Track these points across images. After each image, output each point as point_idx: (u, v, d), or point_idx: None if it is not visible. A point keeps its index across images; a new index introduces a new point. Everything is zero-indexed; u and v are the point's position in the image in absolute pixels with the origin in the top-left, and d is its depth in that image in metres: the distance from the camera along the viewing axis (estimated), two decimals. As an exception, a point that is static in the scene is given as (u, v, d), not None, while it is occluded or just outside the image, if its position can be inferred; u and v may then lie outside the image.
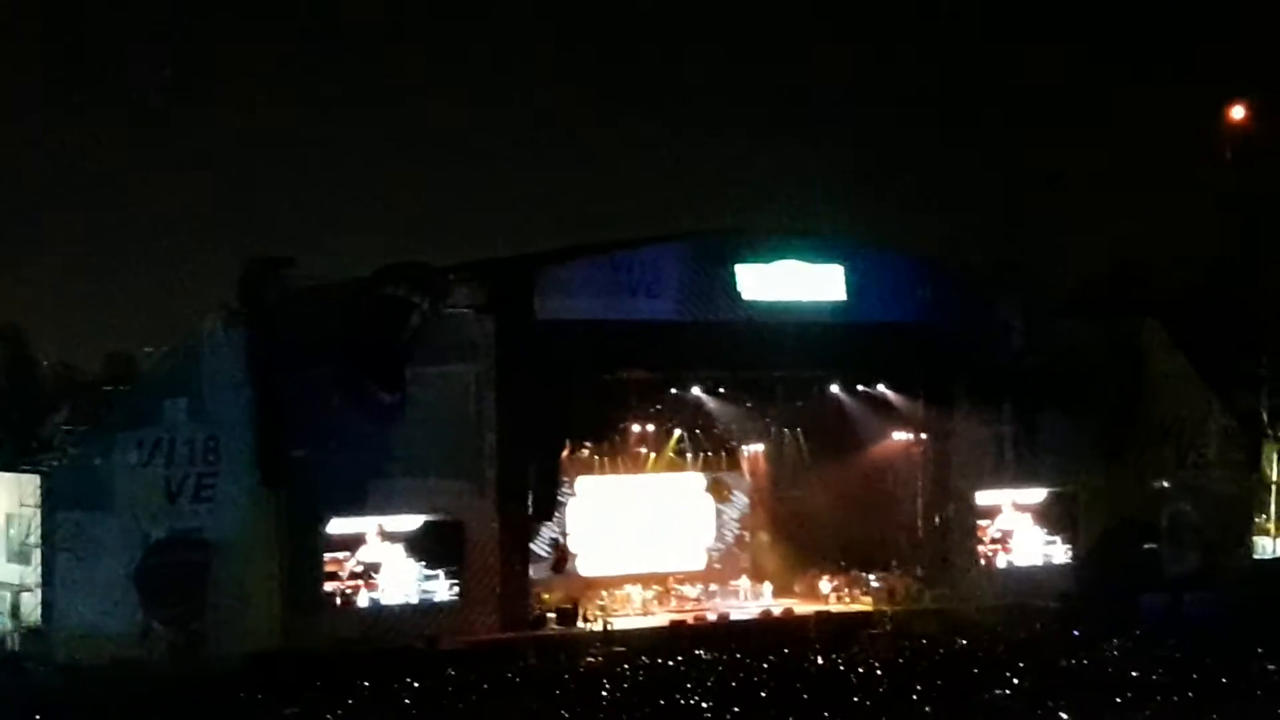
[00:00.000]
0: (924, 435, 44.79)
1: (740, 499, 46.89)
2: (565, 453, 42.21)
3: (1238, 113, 51.35)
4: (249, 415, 36.37)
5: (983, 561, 44.70)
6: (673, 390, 43.21)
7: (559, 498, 41.56)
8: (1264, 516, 52.80)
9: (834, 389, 44.51)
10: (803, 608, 42.65)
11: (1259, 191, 52.18)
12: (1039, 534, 45.47)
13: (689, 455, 46.08)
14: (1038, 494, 45.36)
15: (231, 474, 36.35)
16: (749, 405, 45.10)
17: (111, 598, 35.37)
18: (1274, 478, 53.47)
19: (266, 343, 36.56)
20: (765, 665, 34.41)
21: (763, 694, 31.67)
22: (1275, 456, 53.25)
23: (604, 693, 32.02)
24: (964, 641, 37.19)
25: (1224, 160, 51.88)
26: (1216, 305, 49.68)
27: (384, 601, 38.38)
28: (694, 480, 46.00)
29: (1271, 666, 33.46)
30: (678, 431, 45.56)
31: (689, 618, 41.28)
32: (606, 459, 44.72)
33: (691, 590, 44.04)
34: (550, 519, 41.40)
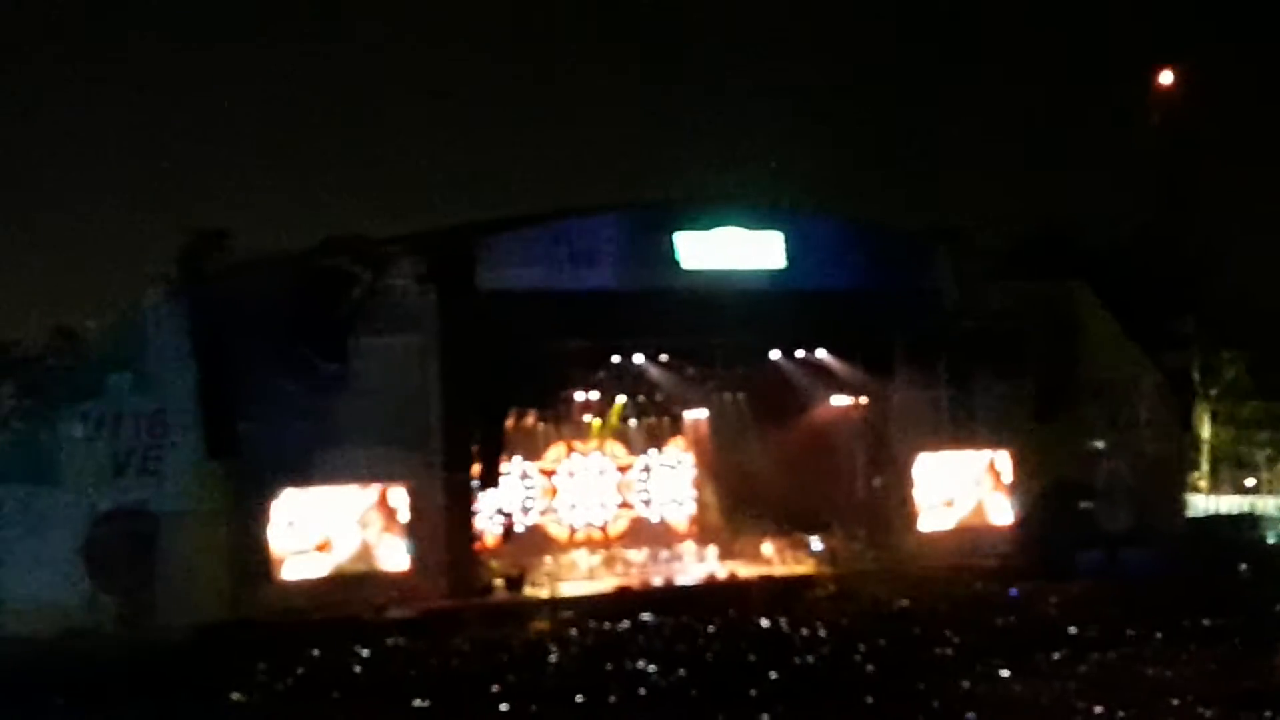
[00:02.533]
0: (863, 399, 45.37)
1: (684, 464, 47.41)
2: (510, 421, 42.49)
3: (1165, 77, 52.05)
4: (194, 388, 36.48)
5: (921, 523, 45.33)
6: (615, 358, 43.51)
7: (503, 466, 41.91)
8: (1196, 474, 53.83)
9: (774, 355, 44.95)
10: (747, 570, 43.18)
11: (1185, 151, 52.87)
12: (976, 495, 46.10)
13: (632, 421, 46.54)
14: (974, 455, 45.96)
15: (178, 446, 36.40)
16: (690, 371, 45.49)
17: (59, 571, 35.40)
18: (1205, 436, 54.49)
19: (208, 315, 36.61)
20: (710, 628, 34.89)
21: (708, 656, 32.21)
22: (1206, 415, 54.26)
23: (551, 658, 32.48)
24: (905, 602, 37.79)
25: (1151, 122, 52.57)
26: (1145, 266, 50.35)
27: (331, 571, 38.57)
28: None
29: (1206, 621, 34.21)
30: (621, 398, 45.98)
31: (635, 583, 41.74)
32: (551, 426, 45.11)
33: (638, 555, 44.50)
34: (496, 486, 41.71)
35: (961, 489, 45.98)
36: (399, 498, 39.08)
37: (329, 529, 38.63)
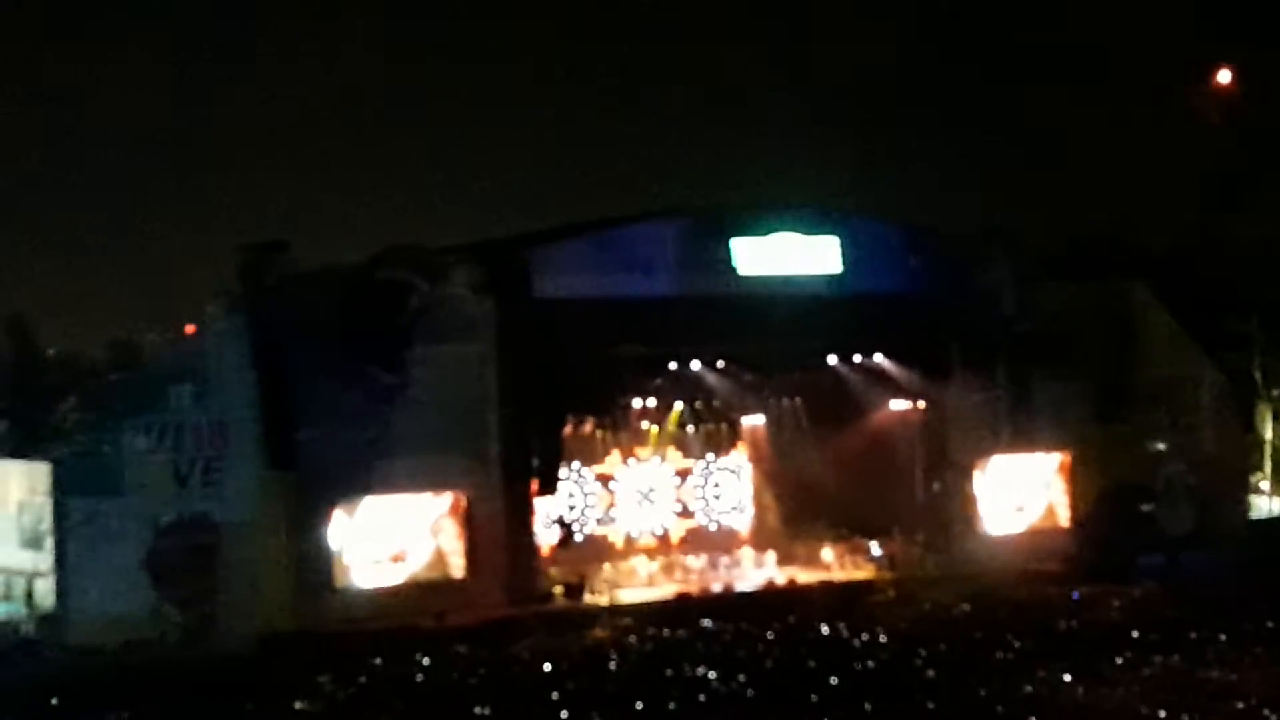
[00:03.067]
0: (920, 404, 45.22)
1: (742, 470, 47.42)
2: (568, 429, 42.61)
3: (1224, 75, 51.72)
4: (255, 399, 36.76)
5: (982, 526, 45.15)
6: (672, 365, 43.54)
7: (562, 473, 42.03)
8: (1258, 475, 53.31)
9: (831, 360, 44.87)
10: (806, 576, 43.13)
11: (1244, 151, 52.51)
12: (1036, 498, 45.88)
13: (690, 428, 46.58)
14: (1033, 458, 45.74)
15: (239, 457, 36.70)
16: (748, 378, 45.45)
17: (123, 581, 35.70)
18: (1267, 437, 53.98)
19: (268, 327, 36.90)
20: (770, 634, 34.87)
21: (768, 662, 32.19)
22: (1268, 415, 53.75)
23: (611, 665, 32.54)
24: (965, 606, 37.65)
25: (1210, 121, 52.22)
26: (1204, 265, 50.01)
27: (393, 580, 38.76)
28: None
29: (1269, 623, 33.94)
30: (678, 405, 46.00)
31: (695, 589, 41.74)
32: (609, 433, 45.20)
33: (697, 561, 44.50)
34: (554, 493, 41.83)
35: (1021, 492, 45.77)
36: (458, 506, 39.20)
37: (389, 538, 38.84)
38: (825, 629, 35.33)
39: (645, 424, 45.80)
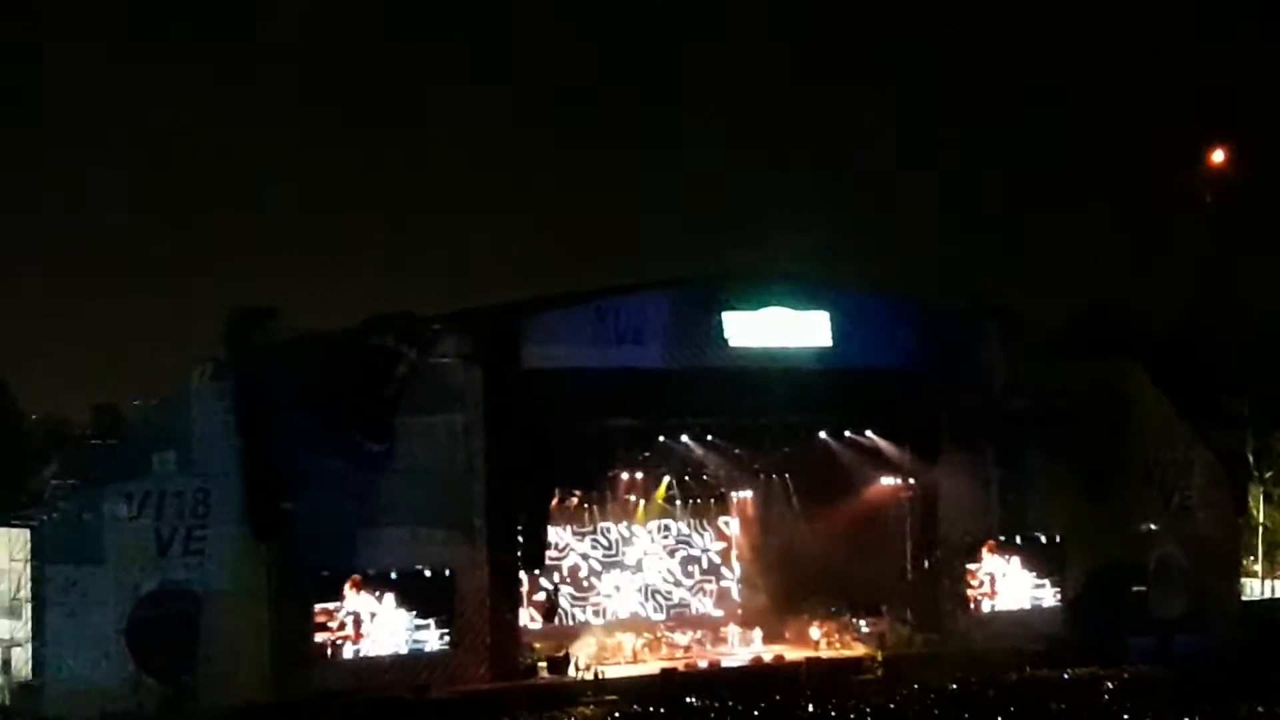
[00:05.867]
0: (911, 480, 44.91)
1: (730, 544, 47.04)
2: (554, 501, 42.25)
3: (1217, 156, 51.77)
4: (238, 467, 36.39)
5: (972, 605, 44.75)
6: (661, 438, 43.25)
7: (548, 546, 41.62)
8: (1251, 558, 53.00)
9: (821, 435, 44.60)
10: (793, 653, 42.66)
11: (1236, 232, 52.56)
12: (1027, 577, 45.51)
13: (679, 502, 46.22)
14: (1025, 537, 45.39)
15: (221, 526, 36.29)
16: (737, 451, 45.16)
17: (102, 651, 35.28)
18: (1260, 518, 53.69)
19: (253, 394, 36.55)
20: (756, 712, 34.43)
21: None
22: (1261, 497, 53.49)
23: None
24: (954, 686, 37.24)
25: (1202, 202, 52.26)
26: (1198, 345, 49.90)
27: (374, 652, 38.25)
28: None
29: (1260, 708, 33.55)
30: (666, 478, 45.68)
31: (680, 665, 41.27)
32: (596, 507, 44.83)
33: (682, 638, 44.02)
34: (540, 567, 41.43)
35: (1012, 571, 45.39)
36: (442, 578, 38.76)
37: (371, 609, 38.32)
38: (812, 707, 34.86)
39: (632, 497, 45.41)
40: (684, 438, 43.65)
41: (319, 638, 37.52)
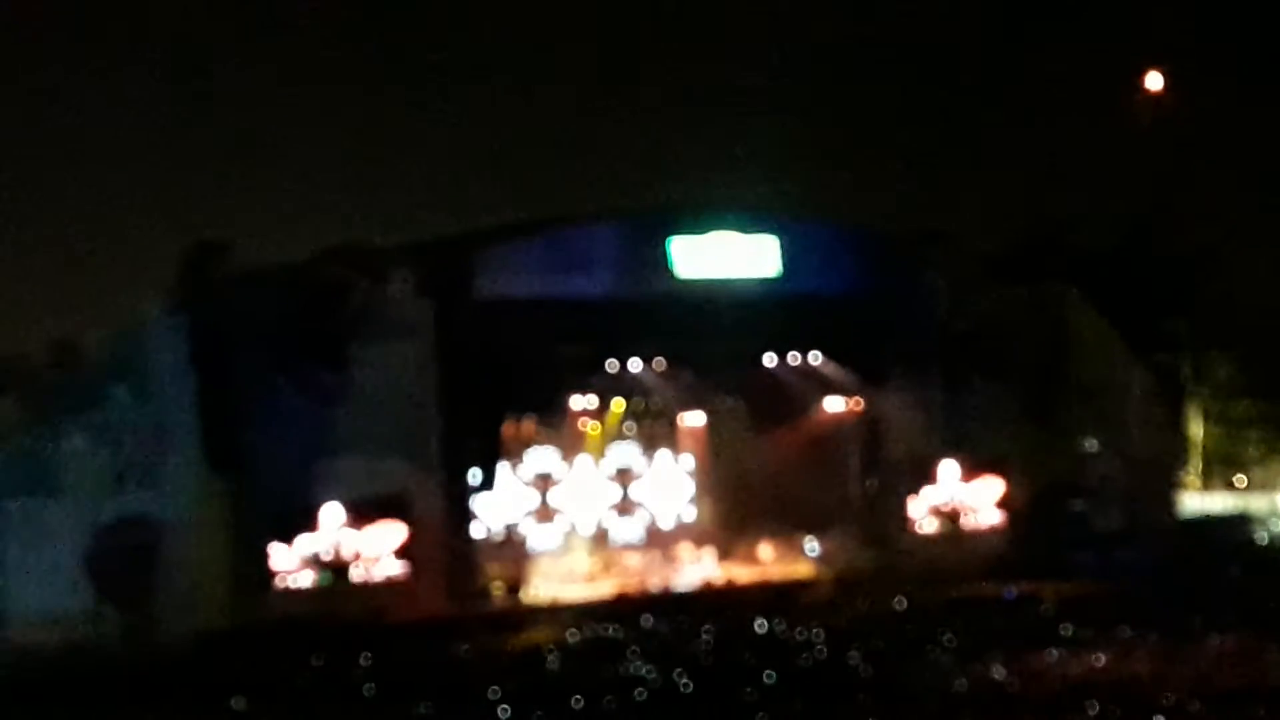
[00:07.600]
0: (857, 404, 45.69)
1: (681, 468, 47.73)
2: (507, 427, 42.76)
3: (1154, 79, 52.29)
4: (194, 399, 36.75)
5: (917, 525, 45.63)
6: (611, 364, 43.78)
7: (500, 470, 42.22)
8: (1188, 473, 54.11)
9: (770, 360, 45.24)
10: (744, 573, 43.46)
11: (1173, 153, 53.14)
12: (970, 496, 46.39)
13: (631, 425, 46.83)
14: (968, 458, 46.24)
15: (178, 457, 36.74)
16: (687, 377, 45.73)
17: (62, 583, 35.78)
18: (1197, 435, 54.77)
19: (208, 327, 36.94)
20: (707, 631, 35.19)
21: (705, 659, 32.50)
22: (1198, 414, 54.54)
23: (550, 662, 32.80)
24: (901, 603, 38.10)
25: (1140, 123, 52.80)
26: (1135, 267, 50.62)
27: (330, 578, 38.77)
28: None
29: (1198, 620, 34.46)
30: (618, 402, 46.23)
31: (633, 587, 42.02)
32: (549, 431, 45.38)
33: (635, 559, 44.77)
34: (493, 491, 42.00)
35: (955, 490, 46.26)
36: (398, 505, 39.27)
37: (329, 537, 38.82)
38: (762, 626, 35.62)
39: (585, 423, 45.99)
40: (634, 364, 44.19)
41: (277, 566, 38.02)
